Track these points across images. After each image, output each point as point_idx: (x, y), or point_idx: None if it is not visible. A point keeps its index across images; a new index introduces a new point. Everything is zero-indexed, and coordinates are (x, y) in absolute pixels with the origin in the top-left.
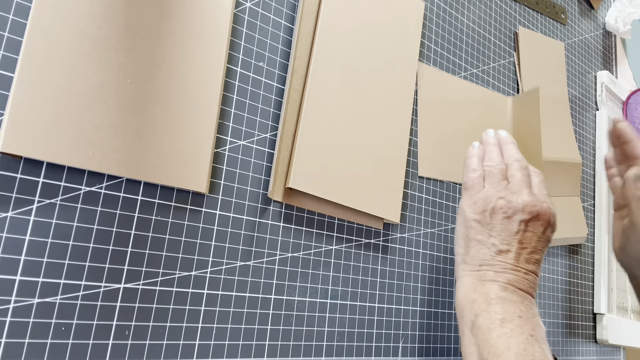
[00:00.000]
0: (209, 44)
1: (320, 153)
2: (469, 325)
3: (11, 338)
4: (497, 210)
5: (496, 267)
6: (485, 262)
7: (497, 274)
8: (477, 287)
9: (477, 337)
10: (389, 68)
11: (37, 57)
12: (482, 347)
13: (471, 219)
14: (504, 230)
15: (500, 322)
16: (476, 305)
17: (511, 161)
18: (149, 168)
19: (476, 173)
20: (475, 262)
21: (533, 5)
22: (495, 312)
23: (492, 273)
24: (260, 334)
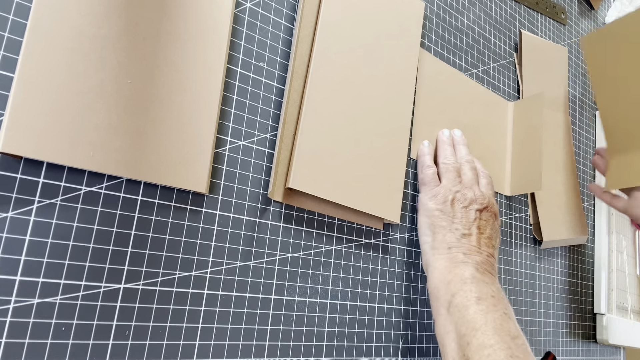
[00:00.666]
0: (209, 44)
1: (320, 153)
2: (445, 305)
3: (11, 338)
4: (456, 201)
5: (463, 248)
6: (453, 245)
7: (466, 255)
8: (452, 269)
9: (454, 315)
10: (389, 68)
11: (37, 57)
12: (459, 323)
13: (434, 208)
14: (463, 217)
15: (476, 299)
16: (452, 285)
17: (463, 161)
18: (149, 168)
19: (431, 169)
20: (443, 246)
21: (533, 5)
22: (471, 290)
23: (462, 255)
24: (260, 334)
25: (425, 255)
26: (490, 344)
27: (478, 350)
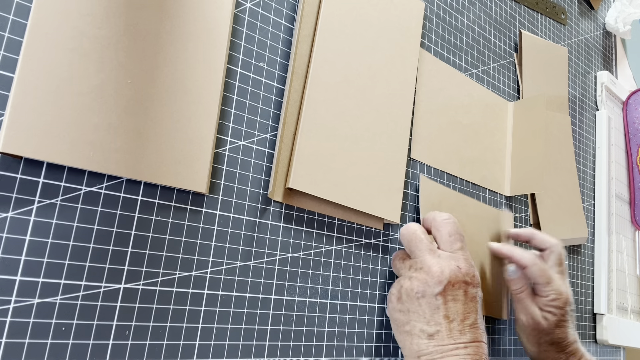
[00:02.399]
0: (209, 44)
1: (320, 153)
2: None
3: (11, 338)
4: (409, 292)
5: (434, 354)
6: (422, 352)
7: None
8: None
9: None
10: (389, 68)
11: (37, 57)
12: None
13: (393, 310)
14: (424, 311)
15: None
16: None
17: (408, 238)
18: (149, 168)
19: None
20: (413, 355)
21: (533, 5)
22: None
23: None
24: (261, 334)
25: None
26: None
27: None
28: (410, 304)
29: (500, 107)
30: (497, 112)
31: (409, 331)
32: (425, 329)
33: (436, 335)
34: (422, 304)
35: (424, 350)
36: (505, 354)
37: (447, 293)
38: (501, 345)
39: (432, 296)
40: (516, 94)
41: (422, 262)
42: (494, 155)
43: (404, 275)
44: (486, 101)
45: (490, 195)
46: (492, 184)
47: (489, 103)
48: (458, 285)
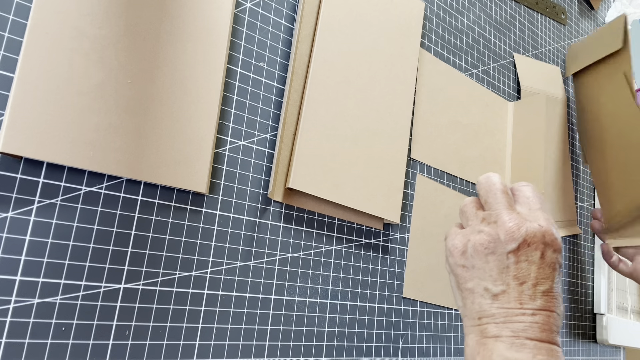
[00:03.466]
0: (209, 44)
1: (320, 153)
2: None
3: (11, 338)
4: (477, 247)
5: (496, 317)
6: (484, 313)
7: (499, 325)
8: (480, 349)
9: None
10: (389, 68)
11: (37, 57)
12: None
13: (455, 265)
14: (492, 269)
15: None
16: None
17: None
18: (149, 168)
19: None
20: (474, 315)
21: (533, 5)
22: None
23: (493, 326)
24: (261, 334)
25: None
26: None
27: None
28: (477, 260)
29: (500, 107)
30: (497, 112)
31: (471, 289)
32: (490, 288)
33: (501, 296)
34: (490, 261)
35: (485, 311)
36: None
37: (520, 252)
38: None
39: (503, 254)
40: (516, 94)
41: (497, 216)
42: (494, 155)
43: (473, 227)
44: (486, 101)
45: None
46: None
47: (489, 103)
48: (535, 246)
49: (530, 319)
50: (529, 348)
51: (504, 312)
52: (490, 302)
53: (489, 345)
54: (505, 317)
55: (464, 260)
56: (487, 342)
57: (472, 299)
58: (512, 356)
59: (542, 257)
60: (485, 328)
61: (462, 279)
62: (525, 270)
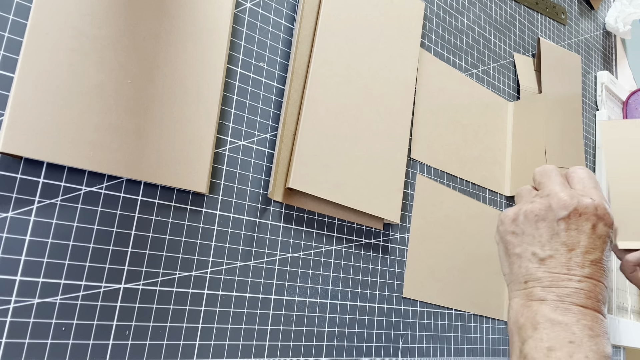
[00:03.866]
0: (209, 44)
1: (320, 153)
2: (517, 353)
3: (11, 338)
4: (528, 214)
5: (543, 280)
6: (531, 277)
7: (545, 289)
8: (524, 311)
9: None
10: (389, 68)
11: (37, 57)
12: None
13: (505, 232)
14: (541, 235)
15: (546, 351)
16: (523, 331)
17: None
18: (149, 168)
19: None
20: (520, 279)
21: (533, 5)
22: (542, 339)
23: (539, 289)
24: (261, 334)
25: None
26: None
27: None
28: (527, 226)
29: (500, 107)
30: (497, 112)
31: (519, 254)
32: (538, 253)
33: (549, 261)
34: (540, 227)
35: (532, 275)
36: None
37: (571, 221)
38: (501, 345)
39: (554, 221)
40: (516, 94)
41: (550, 190)
42: (494, 155)
43: (526, 200)
44: (486, 101)
45: (490, 195)
46: (492, 184)
47: (489, 103)
48: (586, 217)
49: (577, 285)
50: (573, 313)
51: (551, 277)
52: (537, 266)
53: (534, 307)
54: (552, 282)
55: (514, 227)
56: (532, 304)
57: (519, 263)
58: (556, 318)
59: (593, 229)
60: (531, 291)
61: (511, 245)
62: (575, 238)
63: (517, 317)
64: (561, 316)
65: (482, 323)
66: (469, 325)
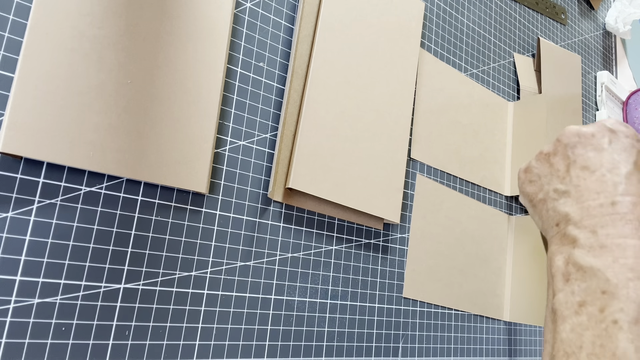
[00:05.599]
0: (209, 44)
1: (320, 153)
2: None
3: (11, 338)
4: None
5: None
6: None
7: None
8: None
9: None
10: (389, 68)
11: (37, 57)
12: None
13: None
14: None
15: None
16: (555, 282)
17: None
18: (149, 168)
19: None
20: (551, 224)
21: (533, 5)
22: (573, 292)
23: (572, 228)
24: (260, 334)
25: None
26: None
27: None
28: (540, 167)
29: (500, 107)
30: (497, 112)
31: (543, 199)
32: (559, 187)
33: (573, 192)
34: (553, 163)
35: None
36: (506, 354)
37: (585, 143)
38: (501, 346)
39: (566, 150)
40: (516, 94)
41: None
42: (494, 155)
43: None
44: (486, 101)
45: (490, 195)
46: (492, 184)
47: (489, 103)
48: (600, 135)
49: (611, 210)
50: (610, 250)
51: (579, 209)
52: (563, 201)
53: (565, 254)
54: (582, 214)
55: (529, 175)
56: (564, 249)
57: (545, 207)
58: (589, 263)
59: (612, 143)
60: (563, 234)
61: (533, 194)
62: (595, 159)
63: (551, 268)
64: (594, 259)
65: (482, 323)
66: (469, 325)
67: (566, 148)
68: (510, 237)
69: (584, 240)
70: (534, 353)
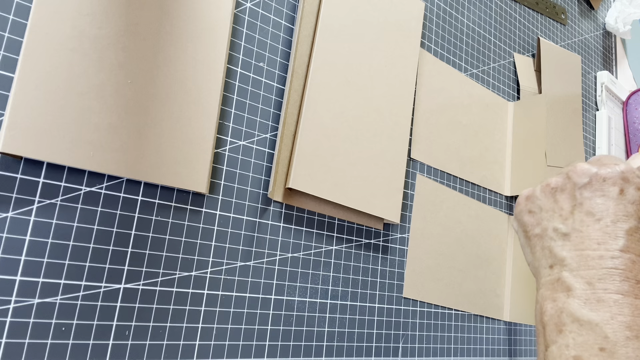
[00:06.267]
0: (209, 44)
1: (320, 153)
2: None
3: (11, 338)
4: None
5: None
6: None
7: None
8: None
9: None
10: (389, 68)
11: (37, 57)
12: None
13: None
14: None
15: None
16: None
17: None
18: (149, 168)
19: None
20: (544, 264)
21: (533, 5)
22: (567, 345)
23: (567, 274)
24: (261, 334)
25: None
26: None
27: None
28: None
29: (500, 107)
30: (497, 112)
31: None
32: (560, 228)
33: (574, 236)
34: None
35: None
36: (506, 354)
37: (595, 187)
38: (501, 346)
39: (574, 189)
40: (516, 94)
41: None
42: (494, 155)
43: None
44: (486, 101)
45: (490, 195)
46: (492, 184)
47: (489, 103)
48: (612, 182)
49: (610, 264)
50: (608, 305)
51: (578, 255)
52: (562, 244)
53: (559, 302)
54: (579, 261)
55: (530, 205)
56: (558, 297)
57: (541, 244)
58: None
59: (622, 193)
60: (557, 278)
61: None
62: (602, 206)
63: (542, 315)
64: (592, 312)
65: (482, 323)
66: (469, 325)
67: (574, 187)
68: (510, 237)
69: (580, 291)
70: (534, 353)
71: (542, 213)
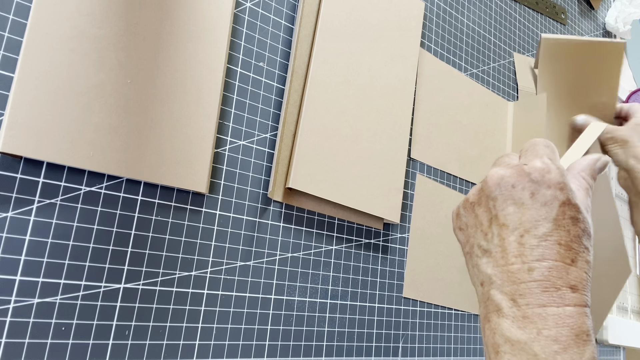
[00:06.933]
0: (209, 44)
1: (320, 153)
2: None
3: (11, 338)
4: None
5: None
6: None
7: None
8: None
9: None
10: (389, 68)
11: (37, 57)
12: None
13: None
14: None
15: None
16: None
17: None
18: (149, 168)
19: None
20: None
21: (533, 5)
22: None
23: (495, 292)
24: (260, 334)
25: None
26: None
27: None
28: (467, 217)
29: (500, 107)
30: (497, 112)
31: (469, 252)
32: (482, 244)
33: (494, 252)
34: (478, 214)
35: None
36: None
37: (505, 196)
38: None
39: (487, 201)
40: (516, 94)
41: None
42: (494, 155)
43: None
44: (486, 101)
45: None
46: None
47: (489, 103)
48: (521, 186)
49: (527, 277)
50: (532, 322)
51: (500, 272)
52: (486, 261)
53: (492, 322)
54: (502, 278)
55: (458, 222)
56: (491, 317)
57: (471, 262)
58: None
59: (533, 197)
60: (487, 297)
61: (462, 244)
62: (514, 216)
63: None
64: (519, 330)
65: None
66: (469, 325)
67: (488, 200)
68: None
69: (507, 309)
70: None
71: (468, 230)
